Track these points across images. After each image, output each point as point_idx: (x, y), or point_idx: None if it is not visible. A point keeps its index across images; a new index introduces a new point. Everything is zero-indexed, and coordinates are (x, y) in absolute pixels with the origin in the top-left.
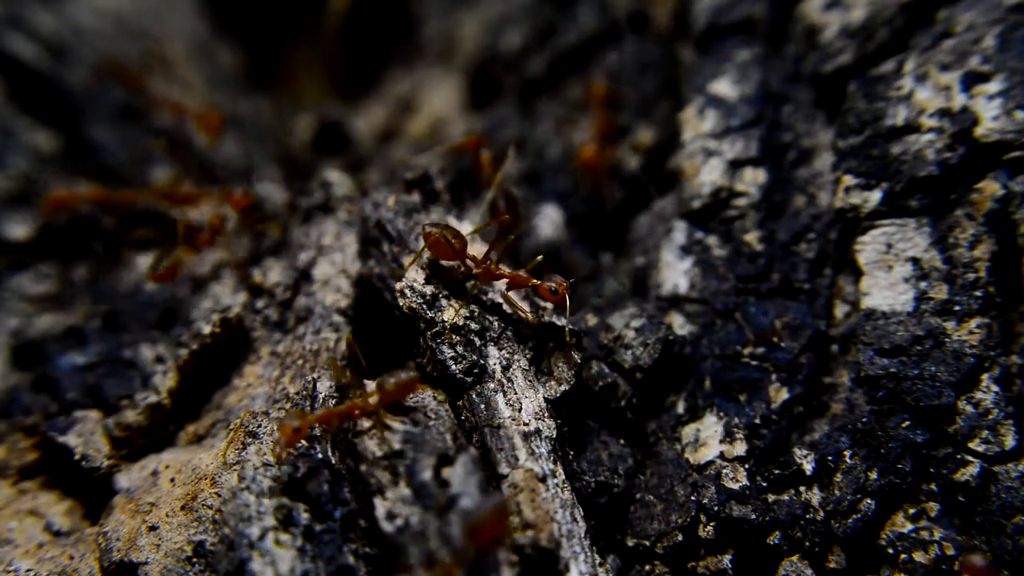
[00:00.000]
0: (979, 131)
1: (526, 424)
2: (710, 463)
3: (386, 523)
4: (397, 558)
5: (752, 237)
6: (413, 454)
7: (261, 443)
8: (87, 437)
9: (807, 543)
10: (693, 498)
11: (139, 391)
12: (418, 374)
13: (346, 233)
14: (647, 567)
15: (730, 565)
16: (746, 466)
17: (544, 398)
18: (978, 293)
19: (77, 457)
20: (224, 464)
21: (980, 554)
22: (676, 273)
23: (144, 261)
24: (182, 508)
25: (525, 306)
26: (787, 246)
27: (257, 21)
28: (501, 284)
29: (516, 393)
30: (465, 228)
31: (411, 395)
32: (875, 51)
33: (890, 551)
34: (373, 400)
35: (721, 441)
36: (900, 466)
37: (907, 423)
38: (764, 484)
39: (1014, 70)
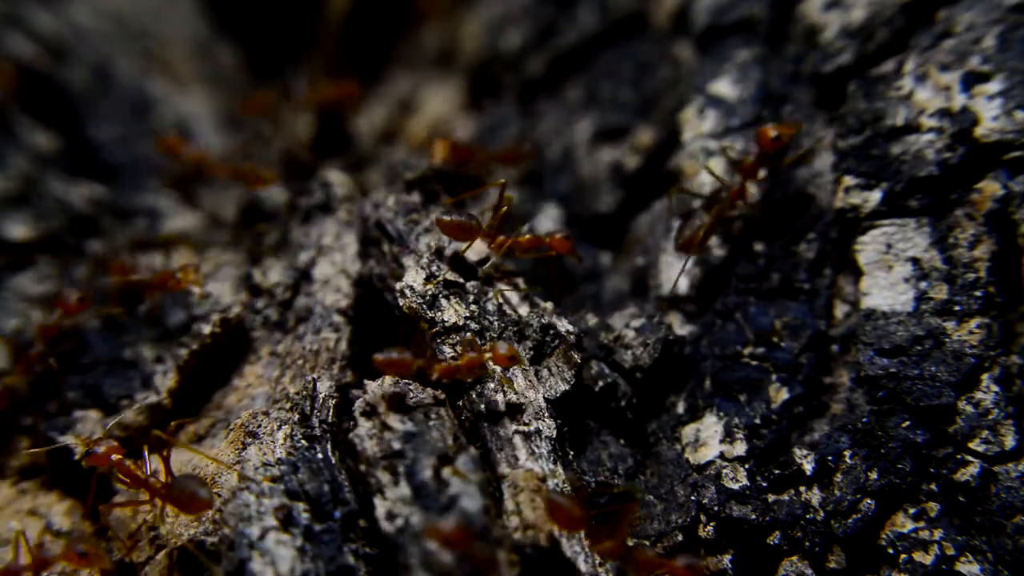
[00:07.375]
0: (979, 131)
1: (526, 424)
2: (710, 463)
3: (386, 523)
4: (397, 558)
5: (752, 237)
6: (413, 454)
7: (261, 443)
8: (87, 437)
9: (807, 543)
10: (693, 498)
11: (139, 391)
12: None
13: (346, 233)
14: None
15: (730, 565)
16: (746, 466)
17: (544, 398)
18: (978, 293)
19: (77, 457)
20: (224, 464)
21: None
22: (676, 273)
23: (144, 261)
24: None
25: (524, 310)
26: (787, 246)
27: (257, 21)
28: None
29: (516, 393)
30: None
31: None
32: (875, 51)
33: (890, 551)
34: None
35: (721, 441)
36: (900, 466)
37: (907, 423)
38: (764, 484)
39: (1014, 70)
